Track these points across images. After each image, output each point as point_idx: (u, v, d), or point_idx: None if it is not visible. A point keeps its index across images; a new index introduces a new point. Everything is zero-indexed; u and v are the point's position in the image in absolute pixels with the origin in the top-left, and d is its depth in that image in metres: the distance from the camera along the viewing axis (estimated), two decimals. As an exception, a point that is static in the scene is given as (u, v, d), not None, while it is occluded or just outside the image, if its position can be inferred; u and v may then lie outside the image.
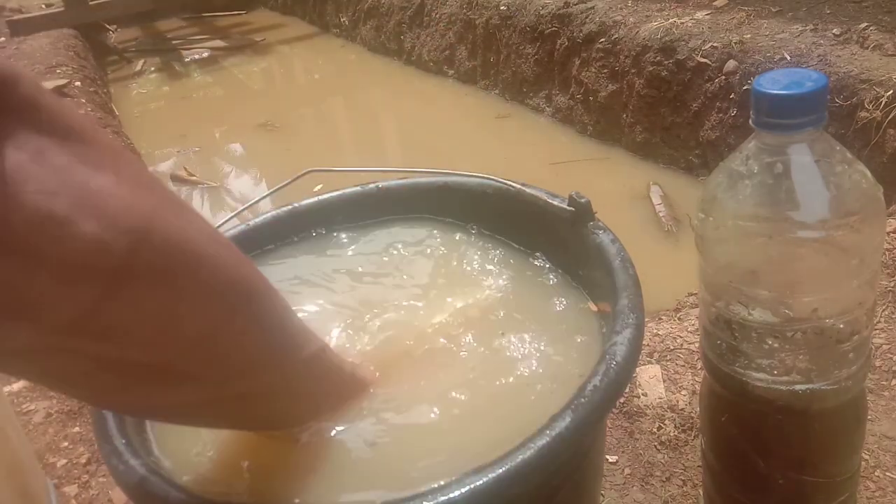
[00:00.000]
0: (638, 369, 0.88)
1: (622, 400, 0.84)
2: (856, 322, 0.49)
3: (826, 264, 0.48)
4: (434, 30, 3.04)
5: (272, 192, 0.64)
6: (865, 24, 1.71)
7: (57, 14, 3.82)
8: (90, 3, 3.95)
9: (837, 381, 0.51)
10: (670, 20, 2.03)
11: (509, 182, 0.59)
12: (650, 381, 0.87)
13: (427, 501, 0.35)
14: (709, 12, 2.05)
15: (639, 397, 0.85)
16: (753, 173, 0.48)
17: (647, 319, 0.51)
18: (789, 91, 0.45)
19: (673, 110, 1.97)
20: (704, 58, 1.86)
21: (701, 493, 0.70)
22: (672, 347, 0.93)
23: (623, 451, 0.79)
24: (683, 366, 0.90)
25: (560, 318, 0.52)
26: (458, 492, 0.35)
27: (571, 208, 0.54)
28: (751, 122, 0.47)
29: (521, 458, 0.36)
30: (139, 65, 3.97)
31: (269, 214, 0.63)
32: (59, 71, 2.91)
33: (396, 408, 0.46)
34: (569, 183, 1.32)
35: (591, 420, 0.39)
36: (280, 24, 4.38)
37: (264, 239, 0.62)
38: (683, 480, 0.75)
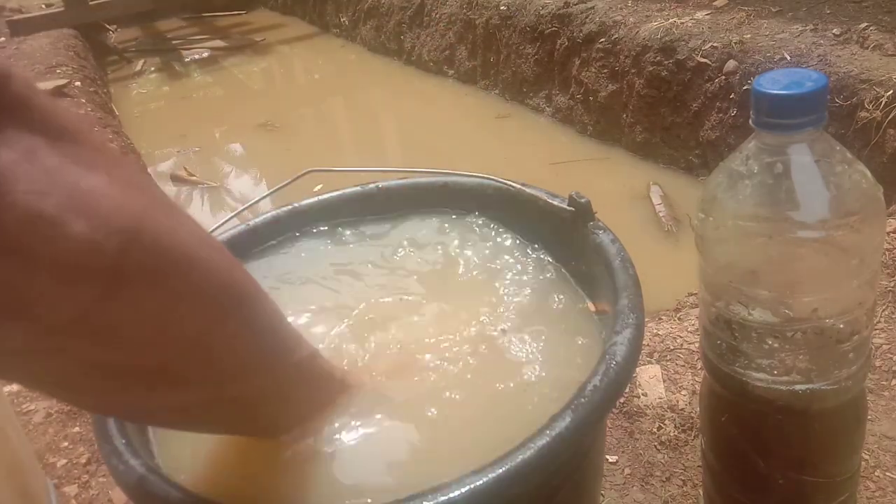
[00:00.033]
0: (638, 369, 0.88)
1: (622, 400, 0.84)
2: (856, 322, 0.49)
3: (826, 264, 0.48)
4: (434, 30, 3.04)
5: (272, 192, 0.64)
6: (865, 24, 1.71)
7: (57, 14, 3.82)
8: (90, 3, 3.95)
9: (837, 381, 0.51)
10: (670, 20, 2.03)
11: (509, 182, 0.59)
12: (650, 381, 0.87)
13: (427, 501, 0.35)
14: (709, 12, 2.05)
15: (639, 397, 0.85)
16: (753, 173, 0.48)
17: (647, 319, 0.51)
18: (789, 91, 0.45)
19: (673, 110, 1.97)
20: (704, 58, 1.86)
21: (701, 493, 0.70)
22: (672, 347, 0.93)
23: (623, 451, 0.79)
24: (683, 366, 0.90)
25: (560, 318, 0.52)
26: (458, 492, 0.35)
27: (571, 208, 0.54)
28: (751, 122, 0.47)
29: (520, 458, 0.36)
30: (139, 65, 3.98)
31: (269, 214, 0.63)
32: (59, 71, 2.91)
33: (393, 409, 0.46)
34: (569, 183, 1.31)
35: (591, 420, 0.39)
36: (280, 24, 4.38)
37: (264, 238, 0.62)
38: (683, 480, 0.75)
